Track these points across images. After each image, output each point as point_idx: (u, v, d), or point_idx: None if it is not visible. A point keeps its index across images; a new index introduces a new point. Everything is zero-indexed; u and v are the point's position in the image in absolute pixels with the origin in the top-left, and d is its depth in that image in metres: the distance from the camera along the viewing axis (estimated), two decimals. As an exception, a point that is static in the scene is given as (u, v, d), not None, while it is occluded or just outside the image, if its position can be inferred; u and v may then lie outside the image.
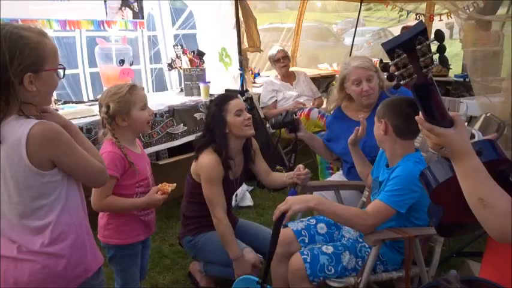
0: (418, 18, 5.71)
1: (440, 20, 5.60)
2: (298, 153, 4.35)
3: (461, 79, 5.07)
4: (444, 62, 0.97)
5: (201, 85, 3.76)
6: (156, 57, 4.51)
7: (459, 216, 1.26)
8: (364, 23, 10.59)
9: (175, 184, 1.95)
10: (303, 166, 2.24)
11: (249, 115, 2.22)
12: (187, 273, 2.54)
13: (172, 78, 4.48)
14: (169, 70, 4.20)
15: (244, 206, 3.52)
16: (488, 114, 2.94)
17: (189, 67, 3.93)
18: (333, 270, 1.82)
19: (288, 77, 4.22)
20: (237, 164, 2.28)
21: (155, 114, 3.15)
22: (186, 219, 2.34)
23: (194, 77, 3.90)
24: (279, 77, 4.24)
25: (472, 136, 1.87)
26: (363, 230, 1.79)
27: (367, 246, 1.90)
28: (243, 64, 3.99)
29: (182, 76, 3.99)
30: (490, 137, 1.67)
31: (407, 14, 5.71)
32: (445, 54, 0.98)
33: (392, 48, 0.96)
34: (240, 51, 3.95)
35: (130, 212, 1.87)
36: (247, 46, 4.04)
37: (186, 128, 3.49)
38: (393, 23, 12.49)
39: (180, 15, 4.49)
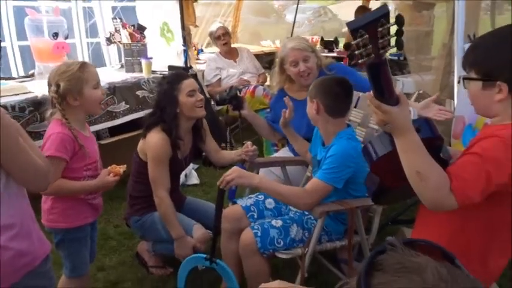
0: (358, -4, 5.89)
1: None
2: (244, 130, 4.42)
3: (396, 58, 5.32)
4: (400, 44, 1.03)
5: (143, 61, 3.63)
6: (92, 31, 4.28)
7: (392, 186, 1.38)
8: (305, 0, 10.71)
9: (125, 165, 1.92)
10: (250, 143, 2.27)
11: (202, 96, 2.20)
12: (134, 253, 2.52)
13: (111, 53, 4.28)
14: (107, 45, 4.00)
15: (191, 184, 3.51)
16: (420, 91, 3.14)
17: (130, 42, 3.78)
18: (282, 243, 1.89)
19: (231, 54, 4.18)
20: (185, 143, 2.27)
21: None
22: (133, 199, 2.30)
23: (135, 52, 3.76)
24: (221, 54, 4.19)
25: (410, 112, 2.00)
26: (305, 208, 1.88)
27: (312, 218, 1.99)
28: (186, 40, 3.89)
29: (122, 51, 3.82)
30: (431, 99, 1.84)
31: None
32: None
33: (356, 28, 1.00)
34: (183, 27, 3.84)
35: (77, 196, 1.80)
36: (191, 21, 3.94)
37: (128, 106, 3.37)
38: (332, 2, 12.69)
39: (118, -13, 4.27)
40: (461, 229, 1.28)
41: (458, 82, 2.53)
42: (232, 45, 4.37)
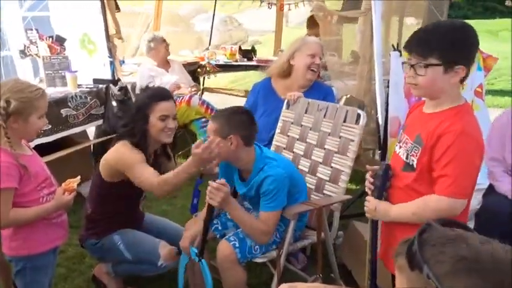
0: (270, 7, 6.17)
1: (289, 9, 6.15)
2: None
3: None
4: None
5: (68, 75, 3.43)
6: (-3, 43, 3.88)
7: None
8: (207, 10, 10.81)
9: (79, 177, 1.83)
10: None
11: (174, 124, 2.08)
12: (88, 278, 2.38)
13: (25, 67, 3.92)
14: (22, 58, 3.67)
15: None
16: (347, 96, 3.43)
17: (49, 54, 3.52)
18: (258, 250, 1.96)
19: (164, 64, 4.12)
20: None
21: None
22: (90, 221, 2.18)
23: (56, 65, 3.53)
24: (155, 63, 4.10)
25: (358, 116, 2.21)
26: (260, 241, 1.93)
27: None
28: (112, 51, 3.74)
29: (41, 65, 3.55)
30: None
31: (261, 2, 6.09)
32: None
33: None
34: (108, 38, 3.69)
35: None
36: (114, 32, 3.79)
37: (50, 126, 3.10)
38: (235, 11, 12.98)
39: (28, -5, 3.94)
40: None
41: (387, 86, 2.83)
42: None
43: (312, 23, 5.38)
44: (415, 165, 1.50)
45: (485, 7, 20.08)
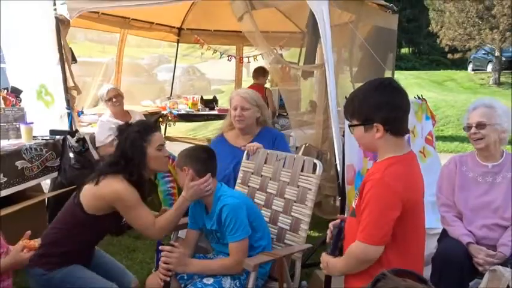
0: (229, 59, 6.38)
1: (248, 62, 6.39)
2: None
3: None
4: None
5: (22, 127, 3.33)
6: None
7: None
8: (170, 60, 11.01)
9: (39, 239, 1.78)
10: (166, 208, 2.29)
11: (168, 152, 2.19)
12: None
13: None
14: (-25, 110, 3.55)
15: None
16: (307, 145, 3.53)
17: (3, 106, 3.44)
18: (217, 301, 1.91)
19: (123, 116, 4.06)
20: None
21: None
22: (47, 248, 1.96)
23: (10, 117, 3.43)
24: (114, 115, 4.05)
25: (315, 165, 2.27)
26: (237, 272, 1.99)
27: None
28: (70, 103, 3.70)
29: (-6, 117, 3.44)
30: None
31: (221, 55, 6.30)
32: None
33: None
34: (67, 89, 3.66)
35: None
36: (72, 85, 3.76)
37: (6, 179, 3.00)
38: (198, 61, 13.30)
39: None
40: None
41: (343, 135, 2.94)
42: (125, 108, 4.22)
43: (257, 74, 5.73)
44: (355, 210, 1.61)
45: (431, 60, 21.90)
